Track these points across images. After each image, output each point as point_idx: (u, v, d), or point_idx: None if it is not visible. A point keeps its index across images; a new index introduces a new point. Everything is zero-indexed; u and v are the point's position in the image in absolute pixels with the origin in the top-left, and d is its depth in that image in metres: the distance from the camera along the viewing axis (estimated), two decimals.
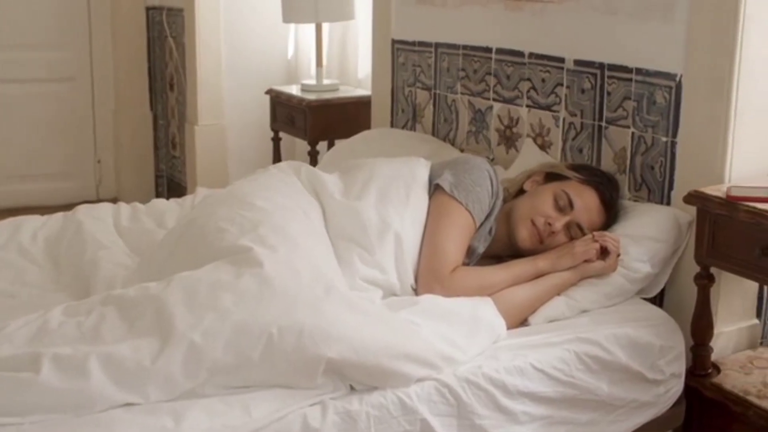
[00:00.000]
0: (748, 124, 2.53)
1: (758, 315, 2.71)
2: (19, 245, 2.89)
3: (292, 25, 5.04)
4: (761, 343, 2.72)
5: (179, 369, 2.00)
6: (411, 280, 2.49)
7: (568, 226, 2.58)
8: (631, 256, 2.57)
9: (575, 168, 2.71)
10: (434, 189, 2.59)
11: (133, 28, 5.63)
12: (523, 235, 2.60)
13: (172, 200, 3.32)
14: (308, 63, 4.99)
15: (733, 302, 2.65)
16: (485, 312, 2.38)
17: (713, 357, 2.59)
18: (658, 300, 2.74)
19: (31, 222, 3.07)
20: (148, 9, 5.60)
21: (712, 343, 2.58)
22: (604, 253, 2.53)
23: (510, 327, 2.43)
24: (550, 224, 2.56)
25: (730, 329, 2.65)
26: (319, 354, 2.05)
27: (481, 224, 2.57)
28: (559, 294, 2.53)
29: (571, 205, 2.59)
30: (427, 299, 2.39)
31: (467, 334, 2.29)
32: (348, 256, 2.45)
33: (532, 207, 2.61)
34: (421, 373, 2.16)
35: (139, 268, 2.54)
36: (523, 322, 2.49)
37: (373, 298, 2.38)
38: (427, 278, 2.46)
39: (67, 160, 5.70)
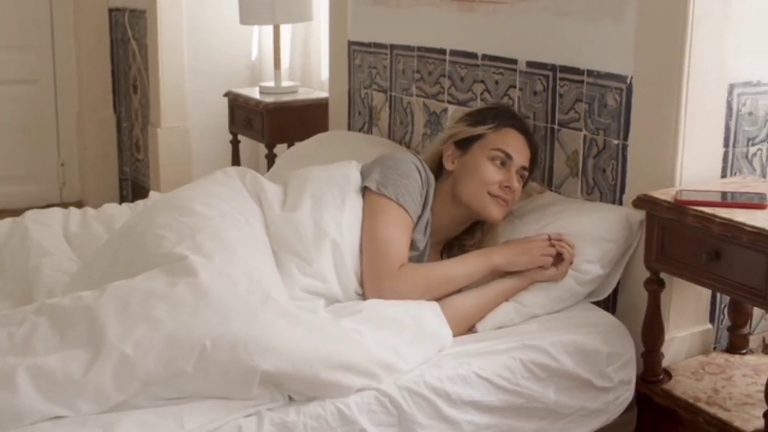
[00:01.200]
0: (698, 127, 2.50)
1: (711, 320, 2.68)
2: None
3: (256, 27, 4.99)
4: (714, 348, 2.69)
5: (110, 381, 1.96)
6: (354, 286, 2.44)
7: (519, 174, 2.60)
8: (580, 257, 2.53)
9: (474, 121, 2.68)
10: (363, 191, 2.54)
11: (96, 30, 5.56)
12: (493, 212, 2.57)
13: (125, 204, 3.27)
14: (272, 65, 4.92)
15: (686, 307, 2.61)
16: (430, 320, 2.34)
17: (665, 363, 2.55)
18: (610, 305, 2.71)
19: None
20: (111, 10, 5.53)
21: (664, 349, 2.54)
22: (557, 258, 2.49)
23: (457, 334, 2.40)
24: (507, 186, 2.55)
25: (682, 334, 2.62)
26: (254, 366, 2.01)
27: (420, 216, 2.53)
28: (507, 300, 2.49)
29: (508, 156, 2.58)
30: (371, 307, 2.34)
31: (410, 343, 2.25)
32: (288, 267, 2.40)
33: (479, 182, 2.56)
34: (361, 384, 2.12)
35: (79, 275, 2.49)
36: (471, 329, 2.45)
37: (314, 308, 2.33)
38: (374, 279, 2.41)
39: (30, 163, 5.63)
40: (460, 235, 2.70)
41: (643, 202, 2.41)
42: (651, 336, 2.49)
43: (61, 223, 3.03)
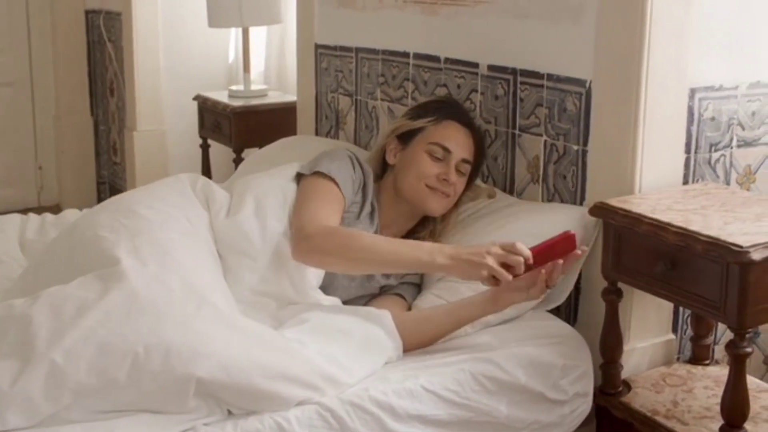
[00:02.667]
0: (658, 133, 2.43)
1: (675, 330, 2.61)
2: None
3: (233, 29, 4.92)
4: (678, 359, 2.62)
5: (40, 392, 1.89)
6: (309, 283, 2.39)
7: (457, 168, 2.57)
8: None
9: (416, 114, 2.67)
10: (298, 179, 2.53)
11: (73, 32, 5.50)
12: (432, 205, 2.56)
13: (86, 210, 3.21)
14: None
15: (647, 317, 2.54)
16: (379, 331, 2.28)
17: (626, 374, 2.49)
18: (572, 315, 2.64)
19: None
20: (87, 12, 5.48)
21: (624, 360, 2.48)
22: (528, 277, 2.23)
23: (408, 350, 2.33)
24: (445, 179, 2.54)
25: (643, 345, 2.55)
26: (188, 373, 1.94)
27: (360, 205, 2.52)
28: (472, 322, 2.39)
29: (446, 150, 2.56)
30: (318, 317, 2.28)
31: (356, 355, 2.19)
32: (235, 269, 2.36)
33: (416, 175, 2.56)
34: (301, 396, 2.05)
35: (22, 278, 2.43)
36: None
37: (262, 313, 2.27)
38: (294, 239, 2.35)
39: (7, 167, 5.57)
40: (413, 228, 2.67)
41: (598, 209, 2.35)
42: (609, 347, 2.43)
43: (18, 229, 2.97)
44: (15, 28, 5.44)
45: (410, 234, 2.67)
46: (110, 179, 5.59)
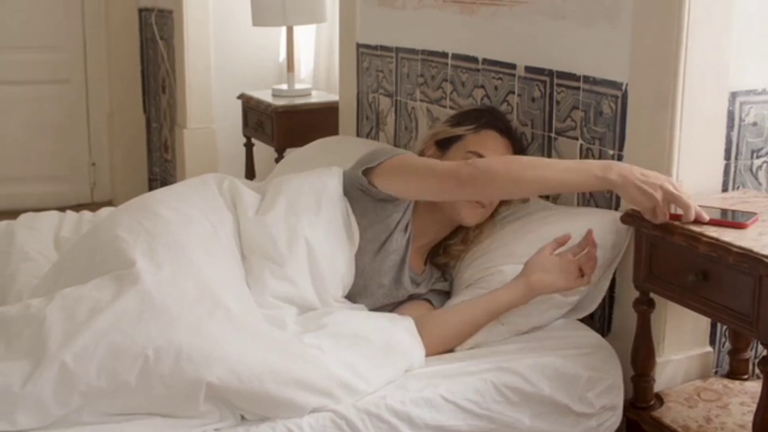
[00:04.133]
0: (696, 138, 2.34)
1: (712, 342, 2.52)
2: None
3: (283, 28, 4.90)
4: (715, 373, 2.53)
5: (50, 394, 1.87)
6: (332, 292, 2.35)
7: None
8: None
9: (456, 121, 2.64)
10: (365, 179, 2.45)
11: (127, 30, 5.55)
12: (466, 215, 2.49)
13: (112, 209, 3.21)
14: (299, 65, 4.85)
15: (683, 328, 2.46)
16: (400, 337, 2.23)
17: (659, 387, 2.41)
18: (605, 325, 2.56)
19: None
20: (140, 10, 5.51)
21: (658, 373, 2.40)
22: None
23: (435, 353, 2.28)
24: None
25: (678, 357, 2.47)
26: (198, 378, 1.91)
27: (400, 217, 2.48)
28: (499, 317, 2.35)
29: (479, 155, 2.50)
30: (338, 322, 2.23)
31: (375, 362, 2.14)
32: (259, 272, 2.32)
33: None
34: (316, 403, 2.01)
35: (46, 277, 2.42)
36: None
37: (283, 318, 2.24)
38: (453, 176, 2.31)
39: (61, 163, 5.62)
40: (443, 239, 2.61)
41: (630, 217, 2.27)
42: (640, 359, 2.35)
43: (54, 227, 2.98)
44: (70, 26, 5.49)
45: (443, 242, 2.62)
46: (162, 176, 5.62)
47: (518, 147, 2.60)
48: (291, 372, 1.99)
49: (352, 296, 2.44)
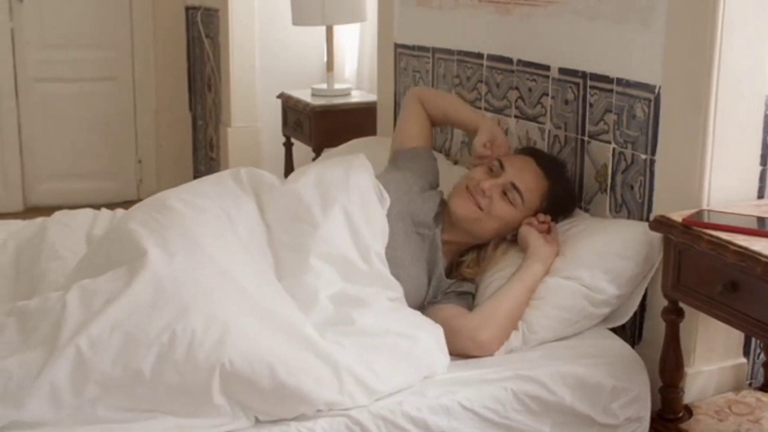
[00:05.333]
0: (730, 142, 2.27)
1: (746, 353, 2.45)
2: None
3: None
4: (750, 385, 2.45)
5: (65, 381, 1.88)
6: (374, 247, 2.34)
7: (504, 190, 2.47)
8: (593, 274, 2.34)
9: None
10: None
11: (174, 28, 5.58)
12: (457, 202, 2.50)
13: (138, 204, 3.21)
14: (343, 65, 4.83)
15: (715, 338, 2.39)
16: (425, 345, 2.19)
17: (689, 399, 2.35)
18: (636, 334, 2.50)
19: (6, 227, 3.02)
20: (187, 9, 5.53)
21: (688, 384, 2.35)
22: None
23: (504, 341, 2.29)
24: (482, 189, 2.47)
25: (710, 368, 2.40)
26: (211, 364, 1.92)
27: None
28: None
29: (502, 168, 2.50)
30: (365, 322, 2.18)
31: (393, 365, 2.11)
32: (294, 239, 2.31)
33: (465, 178, 2.54)
34: (327, 396, 1.98)
35: (68, 277, 2.43)
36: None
37: (316, 293, 2.22)
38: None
39: (108, 160, 5.67)
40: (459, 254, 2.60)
41: (659, 224, 2.21)
42: (669, 370, 2.28)
43: (87, 225, 2.98)
44: (118, 24, 5.52)
45: (458, 258, 2.61)
46: (206, 174, 5.61)
47: (550, 185, 2.55)
48: (303, 362, 1.97)
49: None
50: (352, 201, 2.38)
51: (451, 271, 2.55)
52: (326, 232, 2.31)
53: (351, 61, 4.76)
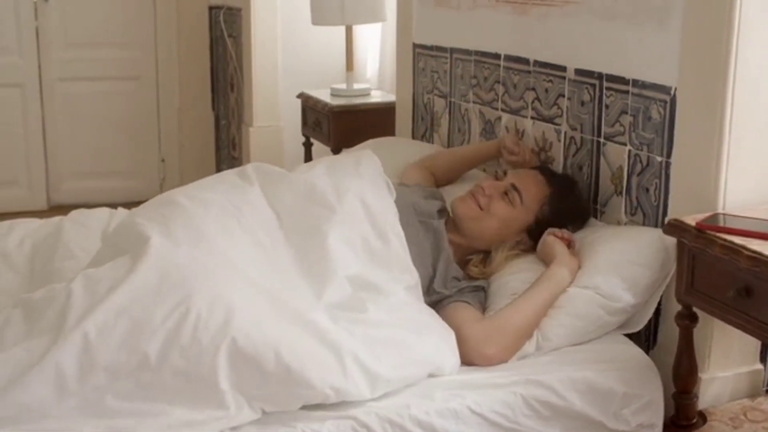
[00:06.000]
0: (747, 145, 2.24)
1: (763, 359, 2.41)
2: (2, 250, 2.83)
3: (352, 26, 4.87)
4: (767, 392, 2.41)
5: (71, 365, 1.88)
6: (391, 226, 2.36)
7: (505, 191, 2.52)
8: (610, 283, 2.31)
9: None
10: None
11: (197, 28, 5.60)
12: (458, 203, 2.57)
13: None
14: (365, 65, 4.81)
15: (731, 344, 2.35)
16: (436, 342, 2.17)
17: (704, 405, 2.32)
18: (651, 339, 2.47)
19: (24, 225, 3.03)
20: (210, 8, 5.54)
21: (703, 390, 2.31)
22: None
23: (514, 352, 2.25)
24: (482, 188, 2.53)
25: (725, 374, 2.36)
26: (216, 345, 1.92)
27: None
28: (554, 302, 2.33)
29: (504, 172, 2.61)
30: (377, 314, 2.17)
31: (400, 357, 2.09)
32: (311, 223, 2.31)
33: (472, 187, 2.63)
34: (330, 380, 1.96)
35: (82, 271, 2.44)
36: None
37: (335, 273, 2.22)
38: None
39: (131, 159, 5.70)
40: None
41: (673, 227, 2.17)
42: (682, 375, 2.25)
43: (103, 223, 2.99)
44: (142, 23, 5.55)
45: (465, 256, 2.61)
46: None
47: (552, 192, 2.56)
48: (307, 347, 1.97)
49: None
50: (364, 187, 2.42)
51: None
52: (343, 216, 2.33)
53: (373, 61, 4.74)
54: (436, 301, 2.38)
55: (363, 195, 2.39)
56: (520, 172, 2.59)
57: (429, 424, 2.02)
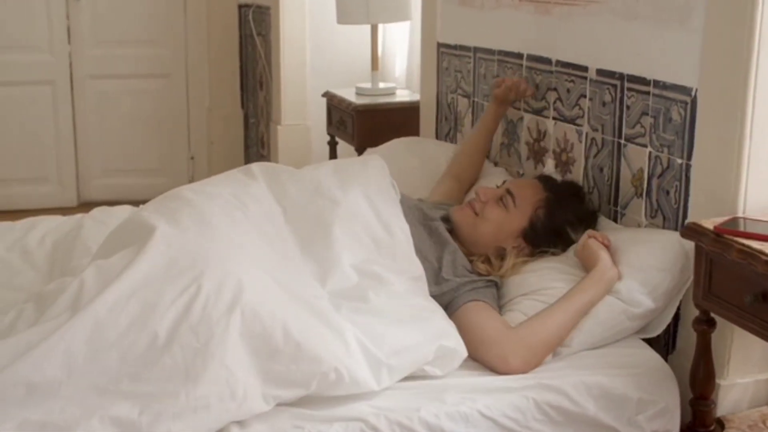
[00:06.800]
0: (767, 147, 2.19)
1: None
2: (23, 247, 2.85)
3: (380, 25, 4.85)
4: None
5: (81, 343, 1.89)
6: (395, 218, 2.39)
7: (500, 197, 2.55)
8: (629, 287, 2.28)
9: None
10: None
11: (227, 26, 5.62)
12: (455, 210, 2.61)
13: None
14: (392, 64, 4.79)
15: (751, 350, 2.31)
16: (440, 323, 2.20)
17: (722, 412, 2.28)
18: (670, 344, 2.43)
19: (46, 223, 3.05)
20: (240, 6, 5.55)
21: (722, 396, 2.27)
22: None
23: (538, 364, 2.21)
24: (479, 195, 2.57)
25: (745, 381, 2.32)
26: (226, 320, 1.94)
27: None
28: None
29: (503, 182, 2.65)
30: (380, 304, 2.19)
31: (403, 334, 2.11)
32: (317, 214, 2.35)
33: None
34: (338, 354, 1.98)
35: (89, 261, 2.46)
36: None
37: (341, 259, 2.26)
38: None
39: (161, 156, 5.73)
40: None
41: (691, 231, 2.14)
42: (699, 381, 2.21)
43: None
44: (172, 21, 5.57)
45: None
46: None
47: (546, 200, 2.55)
48: (313, 325, 2.00)
49: None
50: (370, 187, 2.45)
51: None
52: (348, 208, 2.38)
53: (401, 60, 4.72)
54: (446, 291, 2.36)
55: (368, 191, 2.42)
56: (519, 179, 2.63)
57: (439, 427, 2.01)
